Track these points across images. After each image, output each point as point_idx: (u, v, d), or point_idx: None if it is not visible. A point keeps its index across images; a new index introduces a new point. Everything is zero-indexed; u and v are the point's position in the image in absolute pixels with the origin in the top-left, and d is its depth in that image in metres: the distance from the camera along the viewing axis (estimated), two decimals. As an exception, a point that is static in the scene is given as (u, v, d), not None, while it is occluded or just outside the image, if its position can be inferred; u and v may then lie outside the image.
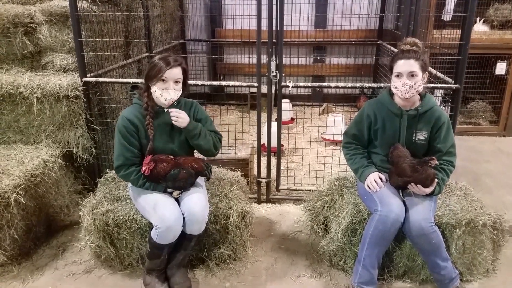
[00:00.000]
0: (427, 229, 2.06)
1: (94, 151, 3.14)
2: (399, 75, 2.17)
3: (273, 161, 3.29)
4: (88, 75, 3.03)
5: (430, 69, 3.04)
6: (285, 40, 2.93)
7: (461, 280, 2.28)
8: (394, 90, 2.22)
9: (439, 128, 2.25)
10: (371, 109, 2.33)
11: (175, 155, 2.29)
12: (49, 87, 2.91)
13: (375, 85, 3.05)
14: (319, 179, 3.35)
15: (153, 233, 2.15)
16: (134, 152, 2.25)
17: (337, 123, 4.18)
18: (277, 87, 3.03)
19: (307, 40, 5.71)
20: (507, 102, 4.76)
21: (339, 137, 4.18)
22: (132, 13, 3.91)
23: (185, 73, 2.23)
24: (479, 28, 4.76)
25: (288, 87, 2.99)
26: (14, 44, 3.09)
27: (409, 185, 2.18)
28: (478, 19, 4.78)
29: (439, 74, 3.08)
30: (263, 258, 2.60)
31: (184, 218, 2.18)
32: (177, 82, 2.19)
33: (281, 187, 3.36)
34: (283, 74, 3.03)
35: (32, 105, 2.94)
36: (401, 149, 2.25)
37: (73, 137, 3.08)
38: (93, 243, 2.39)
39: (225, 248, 2.46)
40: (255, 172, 3.38)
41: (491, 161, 4.14)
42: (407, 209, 2.14)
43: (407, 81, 2.14)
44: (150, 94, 2.21)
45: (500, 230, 2.31)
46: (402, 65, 2.16)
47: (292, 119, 5.11)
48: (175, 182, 2.22)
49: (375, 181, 2.24)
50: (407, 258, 2.31)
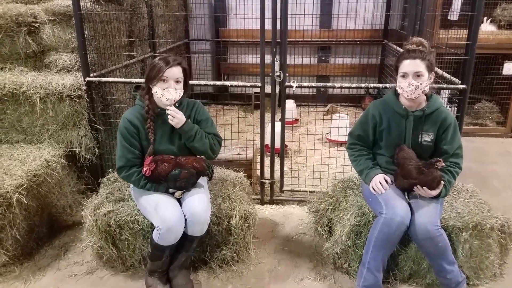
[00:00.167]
0: (433, 232, 2.03)
1: (97, 151, 3.13)
2: (404, 75, 2.13)
3: (277, 161, 3.26)
4: (91, 75, 3.02)
5: (436, 69, 3.00)
6: (289, 40, 2.90)
7: (467, 284, 2.24)
8: (399, 90, 2.19)
9: (446, 129, 2.21)
10: (376, 109, 2.30)
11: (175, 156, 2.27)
12: (52, 86, 2.90)
13: (380, 85, 3.00)
14: (323, 180, 3.31)
15: (155, 234, 2.13)
16: (135, 153, 2.23)
17: (342, 123, 4.13)
18: (281, 87, 3.00)
19: (311, 40, 5.68)
20: (514, 103, 4.71)
21: (344, 138, 4.15)
22: (135, 12, 3.90)
23: (185, 72, 2.21)
24: (486, 28, 4.70)
25: (292, 87, 2.96)
26: (17, 43, 3.08)
27: (415, 187, 2.14)
28: (485, 18, 4.72)
29: (445, 74, 3.04)
30: (266, 260, 2.57)
31: (185, 219, 2.16)
32: (177, 81, 2.17)
33: (284, 188, 3.33)
34: (287, 74, 3.00)
35: (35, 104, 2.93)
36: (407, 150, 2.21)
37: (76, 137, 3.07)
38: (95, 244, 2.38)
39: (227, 249, 2.44)
40: (258, 172, 3.36)
41: (498, 162, 4.08)
42: (412, 212, 2.10)
43: (413, 81, 2.11)
44: (151, 96, 2.20)
45: (508, 233, 2.26)
46: (408, 65, 2.12)
47: (296, 120, 5.07)
48: (176, 182, 2.20)
49: (380, 183, 2.20)
50: (412, 261, 2.27)
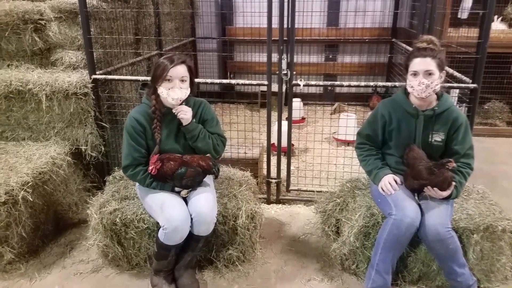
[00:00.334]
0: (444, 234, 1.98)
1: (103, 149, 3.12)
2: (415, 74, 2.09)
3: (283, 161, 3.23)
4: (97, 73, 3.00)
5: (446, 68, 2.94)
6: (296, 38, 2.86)
7: (478, 287, 2.19)
8: (409, 89, 2.14)
9: (457, 129, 2.17)
10: (385, 109, 2.26)
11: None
12: (58, 84, 2.89)
13: (389, 84, 2.96)
14: (330, 180, 3.28)
15: (160, 234, 2.11)
16: (141, 152, 2.21)
17: (349, 123, 4.09)
18: (288, 86, 2.96)
19: (319, 38, 5.63)
20: (525, 102, 4.64)
21: (352, 137, 4.11)
22: (142, 10, 3.88)
23: (190, 71, 2.18)
24: (497, 26, 4.63)
25: (299, 85, 2.93)
26: (24, 40, 3.07)
27: (425, 188, 2.10)
28: (496, 17, 4.65)
29: (456, 73, 2.99)
30: (273, 260, 2.54)
31: (191, 218, 2.13)
32: (183, 80, 2.14)
33: (291, 187, 3.30)
34: (294, 72, 2.96)
35: (41, 102, 2.92)
36: (417, 150, 2.17)
37: (82, 134, 3.06)
38: (100, 242, 2.36)
39: (233, 249, 2.42)
40: (264, 172, 3.33)
41: (508, 163, 4.02)
42: (422, 213, 2.06)
43: (424, 80, 2.06)
44: (158, 96, 2.17)
45: (520, 236, 2.22)
46: (418, 64, 2.08)
47: (303, 119, 5.04)
48: (182, 180, 2.18)
49: (390, 183, 2.16)
50: (422, 263, 2.23)
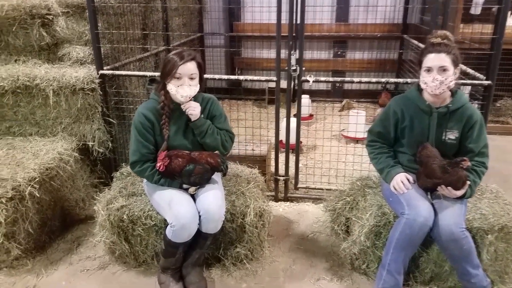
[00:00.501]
0: (458, 235, 1.93)
1: (110, 144, 3.10)
2: (429, 70, 2.04)
3: (291, 158, 3.19)
4: (104, 68, 2.98)
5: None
6: (305, 34, 2.83)
7: (492, 288, 2.15)
8: (423, 85, 2.09)
9: (471, 127, 2.11)
10: (398, 105, 2.21)
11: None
12: (65, 79, 2.87)
13: (401, 80, 2.88)
14: (339, 178, 3.23)
15: (168, 231, 2.09)
16: (149, 148, 2.18)
17: (358, 120, 4.03)
18: (296, 82, 2.92)
19: (327, 34, 5.56)
20: (538, 100, 4.55)
21: (362, 135, 4.06)
22: (149, 5, 3.85)
23: (200, 67, 2.15)
24: (510, 22, 4.53)
25: (308, 81, 2.88)
26: (31, 35, 3.06)
27: (439, 187, 2.05)
28: (510, 12, 4.55)
29: (469, 70, 2.92)
30: (281, 258, 2.51)
31: (199, 216, 2.10)
32: (192, 78, 2.11)
33: (299, 185, 3.26)
34: (304, 68, 2.91)
35: (48, 97, 2.91)
36: (430, 148, 2.12)
37: (89, 130, 3.05)
38: (107, 239, 2.35)
39: (241, 247, 2.38)
40: (272, 169, 3.29)
41: (520, 162, 3.94)
42: (436, 213, 2.01)
43: (438, 76, 2.01)
44: (166, 92, 2.14)
45: (535, 236, 2.16)
46: (432, 59, 2.03)
47: (311, 115, 4.98)
48: (191, 178, 2.15)
49: (402, 182, 2.11)
50: (434, 263, 2.19)
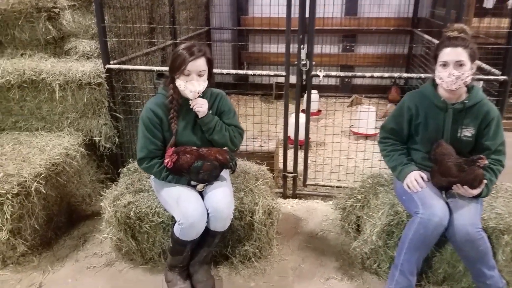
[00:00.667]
0: (474, 235, 1.87)
1: (117, 140, 3.07)
2: (445, 65, 1.97)
3: (300, 154, 3.13)
4: (111, 62, 2.94)
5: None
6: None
7: (507, 290, 2.09)
8: (438, 81, 2.02)
9: (488, 124, 2.05)
10: (412, 101, 2.14)
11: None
12: (72, 74, 2.84)
13: (414, 75, 2.81)
14: (349, 175, 3.17)
15: (176, 229, 2.05)
16: (157, 144, 2.14)
17: (367, 115, 3.97)
18: (306, 77, 2.86)
19: (336, 28, 5.48)
20: (552, 96, 4.43)
21: (372, 131, 4.00)
22: (156, -2, 3.80)
23: (210, 63, 2.10)
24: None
25: (318, 76, 2.82)
26: (37, 29, 3.02)
27: (454, 186, 1.99)
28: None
29: (484, 65, 2.84)
30: (290, 257, 2.47)
31: (208, 214, 2.06)
32: (200, 75, 2.06)
33: (308, 182, 3.21)
34: (314, 63, 2.85)
35: (54, 92, 2.87)
36: (446, 146, 2.05)
37: (95, 125, 3.02)
38: (114, 236, 2.32)
39: (250, 245, 2.34)
40: (280, 165, 3.24)
41: (534, 159, 3.85)
42: (451, 212, 1.95)
43: (454, 71, 1.94)
44: (175, 86, 2.09)
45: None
46: (448, 54, 1.95)
47: (319, 111, 4.92)
48: (199, 174, 2.10)
49: (416, 180, 2.06)
50: (447, 263, 2.13)
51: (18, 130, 3.03)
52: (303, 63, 2.80)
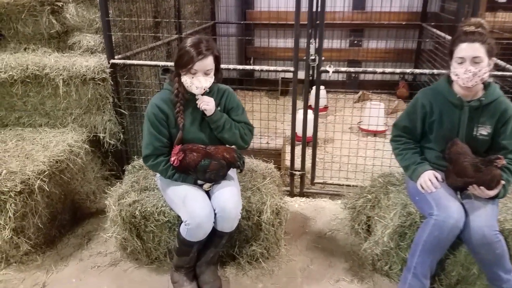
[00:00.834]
0: (491, 238, 1.81)
1: (121, 136, 3.02)
2: (461, 61, 1.89)
3: (307, 152, 3.07)
4: (115, 57, 2.88)
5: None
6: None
7: (523, 294, 2.02)
8: (454, 77, 1.95)
9: (506, 122, 1.98)
10: (426, 98, 2.07)
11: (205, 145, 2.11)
12: (76, 68, 2.78)
13: (427, 71, 2.73)
14: (357, 173, 3.11)
15: (182, 229, 1.99)
16: (163, 141, 2.08)
17: (376, 112, 3.88)
18: (315, 72, 2.78)
19: (343, 22, 5.38)
20: None
21: (382, 128, 3.92)
22: (162, -9, 3.73)
23: (217, 60, 2.03)
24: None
25: (328, 72, 2.74)
26: (40, 23, 2.96)
27: (470, 186, 1.92)
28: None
29: (499, 61, 2.75)
30: (298, 258, 2.41)
31: (215, 214, 2.01)
32: (207, 73, 1.99)
33: (316, 180, 3.15)
34: (323, 58, 2.77)
35: (58, 87, 2.82)
36: (461, 145, 1.98)
37: (100, 121, 2.97)
38: (119, 235, 2.27)
39: (257, 245, 2.29)
40: (287, 163, 3.18)
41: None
42: (466, 214, 1.88)
43: (471, 67, 1.87)
44: (181, 80, 2.03)
45: None
46: (465, 49, 1.88)
47: (325, 107, 4.84)
48: (206, 174, 2.05)
49: (430, 180, 1.99)
50: (461, 266, 2.06)
51: (21, 126, 2.99)
52: (312, 58, 2.73)
